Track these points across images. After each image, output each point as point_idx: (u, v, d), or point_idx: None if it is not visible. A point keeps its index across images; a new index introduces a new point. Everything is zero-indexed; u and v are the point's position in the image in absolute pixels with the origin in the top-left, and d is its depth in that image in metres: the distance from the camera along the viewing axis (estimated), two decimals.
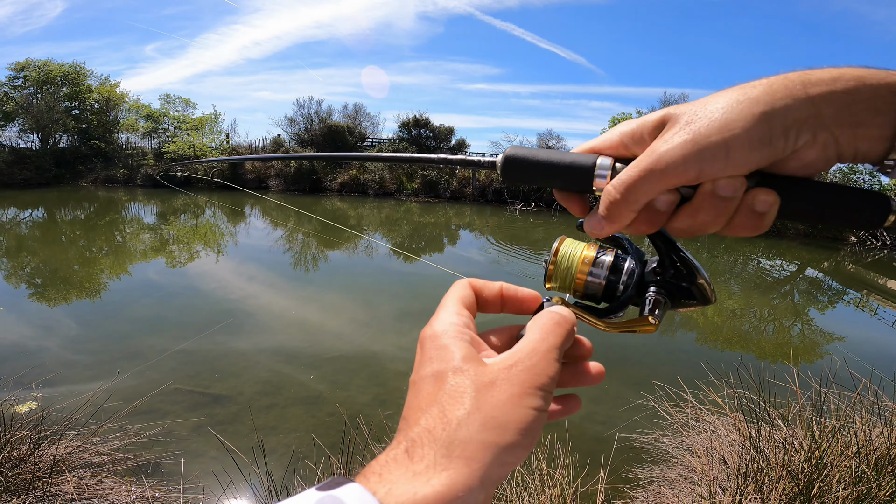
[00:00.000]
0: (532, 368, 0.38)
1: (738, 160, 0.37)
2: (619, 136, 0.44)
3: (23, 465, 2.32)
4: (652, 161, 0.39)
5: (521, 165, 0.47)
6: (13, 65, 26.67)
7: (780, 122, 0.37)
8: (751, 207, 0.39)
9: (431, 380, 0.38)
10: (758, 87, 0.38)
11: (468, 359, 0.39)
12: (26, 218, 16.43)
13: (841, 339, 6.81)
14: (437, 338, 0.41)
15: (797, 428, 2.41)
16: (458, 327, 0.42)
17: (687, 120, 0.39)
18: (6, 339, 5.37)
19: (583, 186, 0.45)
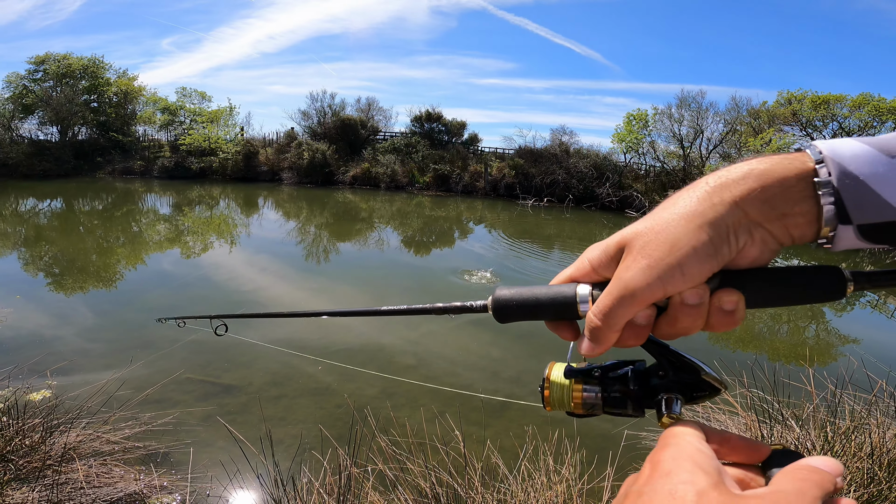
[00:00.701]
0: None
1: (693, 274, 0.41)
2: (589, 263, 0.48)
3: (34, 454, 2.35)
4: (620, 289, 0.43)
5: (509, 307, 0.50)
6: (33, 58, 27.08)
7: (716, 231, 0.41)
8: (720, 308, 0.42)
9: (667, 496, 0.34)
10: (688, 199, 0.42)
11: (719, 486, 0.34)
12: (45, 208, 16.73)
13: (856, 341, 6.67)
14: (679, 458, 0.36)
15: (811, 429, 2.37)
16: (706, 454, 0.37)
17: (641, 245, 0.43)
18: (23, 327, 5.47)
19: (570, 315, 0.48)
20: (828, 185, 0.40)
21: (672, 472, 0.35)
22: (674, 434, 0.41)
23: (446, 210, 19.25)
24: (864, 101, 20.06)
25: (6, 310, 5.81)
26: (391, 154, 25.65)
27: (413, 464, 2.40)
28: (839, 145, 0.41)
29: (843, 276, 0.43)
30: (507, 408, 4.18)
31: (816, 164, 0.41)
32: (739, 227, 0.41)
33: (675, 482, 0.34)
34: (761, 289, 0.43)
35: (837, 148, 0.41)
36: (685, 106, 22.73)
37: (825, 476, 0.36)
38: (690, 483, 0.34)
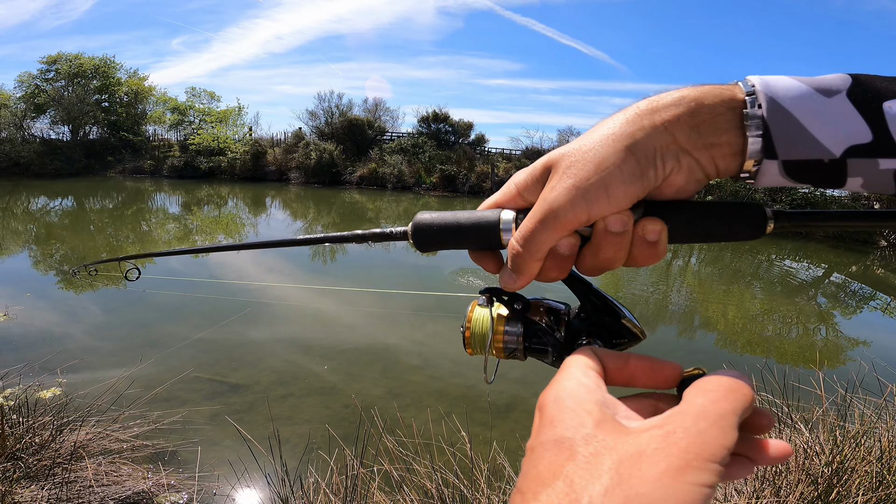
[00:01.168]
0: (700, 435, 0.29)
1: (618, 196, 0.39)
2: (515, 187, 0.46)
3: (44, 451, 2.38)
4: (543, 211, 0.41)
5: (429, 232, 0.47)
6: (45, 58, 27.44)
7: (643, 153, 0.39)
8: (643, 238, 0.41)
9: (554, 447, 0.31)
10: (618, 120, 0.40)
11: (601, 423, 0.31)
12: (56, 207, 16.90)
13: (866, 343, 6.60)
14: (559, 399, 0.34)
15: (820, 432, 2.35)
16: (586, 387, 0.35)
17: (567, 164, 0.41)
18: (33, 325, 5.53)
19: (493, 244, 0.45)
20: (756, 117, 0.38)
21: (555, 419, 0.33)
22: (561, 370, 0.39)
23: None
24: None
25: (17, 307, 5.88)
26: (398, 154, 25.71)
27: (419, 464, 2.41)
28: (773, 80, 0.39)
29: (765, 213, 0.42)
30: (513, 409, 4.17)
31: (747, 95, 0.39)
32: (667, 152, 0.39)
33: (559, 431, 0.32)
34: (685, 222, 0.42)
35: (771, 82, 0.39)
36: None
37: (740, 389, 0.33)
38: (574, 428, 0.31)
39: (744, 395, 0.33)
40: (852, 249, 15.35)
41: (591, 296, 0.46)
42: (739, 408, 0.32)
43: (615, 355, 0.40)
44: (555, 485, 0.29)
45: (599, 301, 0.46)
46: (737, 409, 0.31)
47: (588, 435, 0.31)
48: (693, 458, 0.28)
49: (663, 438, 0.29)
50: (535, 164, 0.44)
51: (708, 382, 0.34)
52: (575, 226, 0.41)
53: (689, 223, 0.42)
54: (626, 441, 0.30)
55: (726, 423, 0.30)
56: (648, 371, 0.40)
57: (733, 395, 0.32)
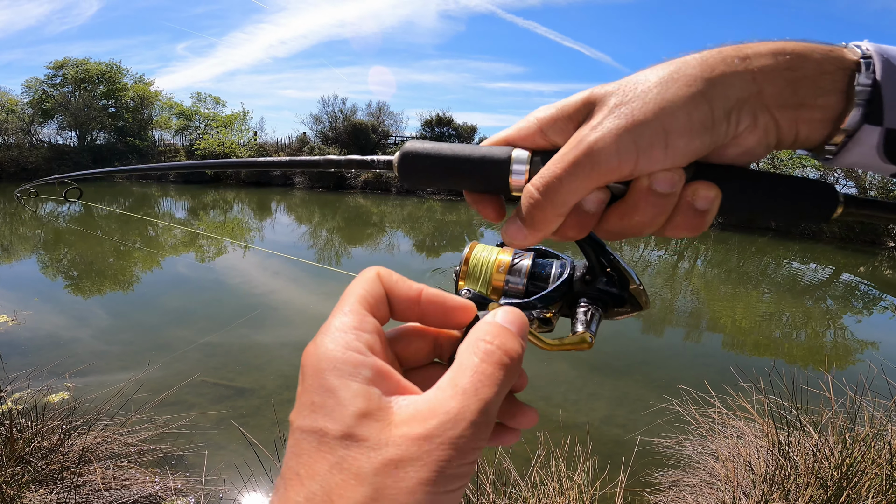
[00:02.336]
0: (456, 441, 0.27)
1: (678, 149, 0.33)
2: (537, 122, 0.38)
3: (52, 456, 2.39)
4: (580, 153, 0.33)
5: (420, 163, 0.40)
6: (52, 63, 27.65)
7: (721, 102, 0.32)
8: (690, 204, 0.35)
9: (314, 439, 0.28)
10: (691, 62, 0.33)
11: (365, 416, 0.28)
12: (64, 212, 17.03)
13: (875, 345, 6.54)
14: (320, 372, 0.29)
15: (829, 435, 2.33)
16: (354, 355, 0.30)
17: (617, 101, 0.33)
18: (42, 329, 5.57)
19: (496, 186, 0.38)
20: (867, 83, 0.33)
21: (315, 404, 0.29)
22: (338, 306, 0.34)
23: (457, 214, 19.26)
24: None
25: (25, 312, 5.92)
26: None
27: None
28: (888, 47, 0.34)
29: (836, 194, 0.36)
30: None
31: (862, 58, 0.33)
32: (746, 105, 0.33)
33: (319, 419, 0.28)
34: (743, 190, 0.36)
35: (886, 48, 0.34)
36: None
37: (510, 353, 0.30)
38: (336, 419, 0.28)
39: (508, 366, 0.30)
40: (860, 251, 15.23)
41: (603, 258, 0.41)
42: (502, 386, 0.29)
43: (406, 286, 0.36)
44: (310, 485, 0.27)
45: (611, 265, 0.41)
46: (498, 391, 0.29)
47: (347, 433, 0.27)
48: (447, 467, 0.27)
49: (422, 443, 0.27)
50: (570, 98, 0.37)
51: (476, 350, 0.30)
52: (615, 177, 0.34)
53: (748, 194, 0.36)
54: (385, 443, 0.27)
55: (484, 420, 0.28)
56: (440, 310, 0.36)
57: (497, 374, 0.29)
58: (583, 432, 3.27)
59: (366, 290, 0.35)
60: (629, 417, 3.98)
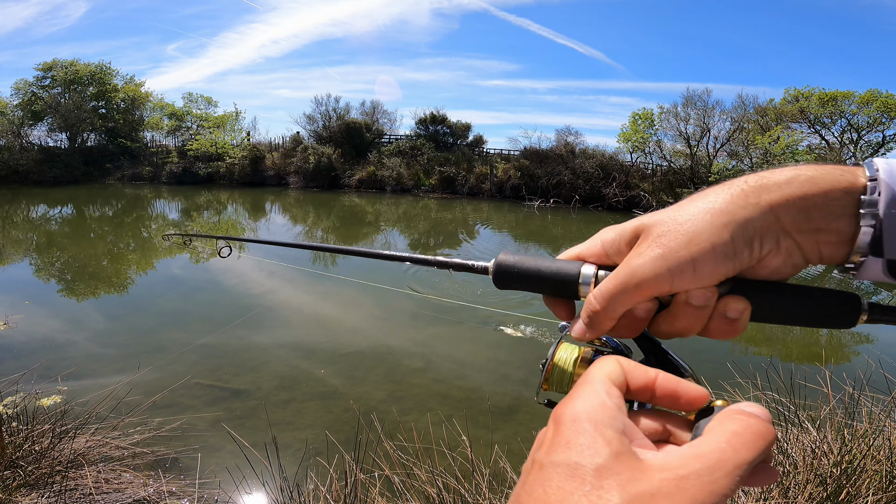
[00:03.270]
0: (712, 485, 0.29)
1: (706, 274, 0.38)
2: (602, 244, 0.46)
3: (43, 459, 2.36)
4: (626, 275, 0.41)
5: (510, 274, 0.49)
6: (41, 65, 27.41)
7: (742, 233, 0.38)
8: (723, 314, 0.40)
9: (566, 472, 0.30)
10: (720, 194, 0.39)
11: (620, 456, 0.31)
12: (56, 215, 16.90)
13: (870, 340, 6.58)
14: (579, 420, 0.33)
15: (827, 431, 2.32)
16: (610, 410, 0.34)
17: (658, 233, 0.40)
18: (36, 332, 5.52)
19: (569, 293, 0.47)
20: (873, 206, 0.37)
21: (571, 442, 0.32)
22: (585, 381, 0.37)
23: (452, 212, 19.24)
24: (873, 98, 19.90)
25: (18, 316, 5.86)
26: (396, 157, 25.71)
27: (420, 469, 2.38)
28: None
29: (860, 304, 0.40)
30: (516, 411, 4.15)
31: (869, 181, 0.37)
32: (767, 234, 0.38)
33: (573, 455, 0.31)
34: (770, 303, 0.41)
35: None
36: (691, 104, 22.63)
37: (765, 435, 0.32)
38: (590, 455, 0.31)
39: (766, 443, 0.33)
40: None
41: (657, 355, 0.46)
42: (759, 457, 0.32)
43: (643, 371, 0.39)
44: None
45: (664, 360, 0.45)
46: (755, 459, 0.31)
47: (602, 466, 0.30)
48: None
49: (675, 483, 0.29)
50: (626, 226, 0.44)
51: (735, 421, 0.33)
52: (655, 294, 0.41)
53: (776, 306, 0.41)
54: (638, 479, 0.29)
55: (739, 475, 0.30)
56: (672, 394, 0.38)
57: (756, 444, 0.32)
58: None
59: (609, 369, 0.39)
60: None
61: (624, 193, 21.41)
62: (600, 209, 21.39)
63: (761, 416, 0.34)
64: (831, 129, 21.55)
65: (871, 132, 20.86)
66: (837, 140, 21.48)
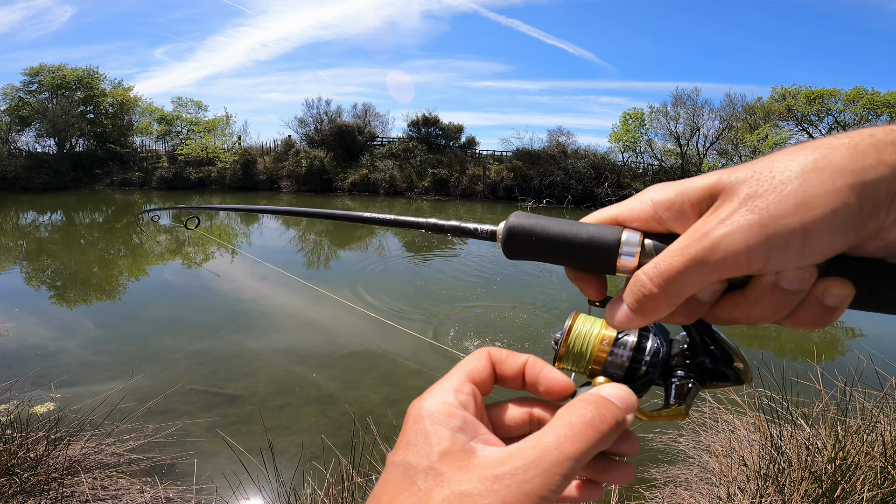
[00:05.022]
0: (523, 486, 0.28)
1: (818, 248, 0.29)
2: (652, 205, 0.35)
3: (38, 467, 2.34)
4: (705, 249, 0.30)
5: (526, 239, 0.38)
6: (27, 70, 27.11)
7: (871, 197, 0.28)
8: (819, 301, 0.31)
9: (401, 473, 0.32)
10: (840, 148, 0.30)
11: (447, 456, 0.31)
12: (46, 221, 16.73)
13: (863, 335, 6.65)
14: (420, 419, 0.34)
15: (821, 428, 2.35)
16: (449, 408, 0.34)
17: (750, 193, 0.30)
18: (27, 340, 5.46)
19: (603, 267, 0.36)
20: None
21: (410, 443, 0.33)
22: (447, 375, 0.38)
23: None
24: (859, 95, 20.17)
25: (8, 324, 5.80)
26: (389, 159, 25.69)
27: None
28: None
29: None
30: None
31: None
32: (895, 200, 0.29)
33: (409, 456, 0.32)
34: (881, 287, 0.32)
35: None
36: (680, 104, 22.85)
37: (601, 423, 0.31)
38: (422, 456, 0.32)
39: (599, 434, 0.31)
40: None
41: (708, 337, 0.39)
42: (590, 448, 0.31)
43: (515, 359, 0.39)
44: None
45: (714, 343, 0.39)
46: (583, 451, 0.30)
47: (429, 467, 0.31)
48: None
49: (491, 482, 0.29)
50: (693, 182, 0.33)
51: (571, 412, 0.32)
52: (739, 273, 0.31)
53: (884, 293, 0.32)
54: (459, 480, 0.30)
55: (560, 473, 0.29)
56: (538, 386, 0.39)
57: (585, 436, 0.31)
58: None
59: (473, 364, 0.39)
60: None
61: (616, 193, 21.54)
62: (593, 208, 21.25)
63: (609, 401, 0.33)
64: (818, 127, 21.80)
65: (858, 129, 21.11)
66: None
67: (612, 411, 0.32)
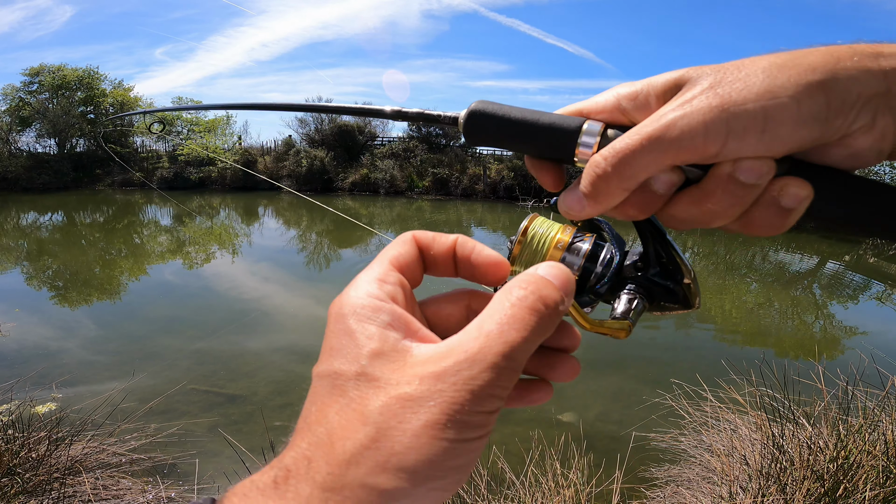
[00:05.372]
0: (471, 383, 0.26)
1: (778, 137, 0.29)
2: (616, 98, 0.35)
3: (40, 467, 2.34)
4: (660, 127, 0.30)
5: (487, 123, 0.38)
6: (27, 70, 27.11)
7: (841, 95, 0.28)
8: (775, 201, 0.31)
9: (328, 383, 0.28)
10: (815, 51, 0.30)
11: (378, 357, 0.28)
12: (47, 222, 16.74)
13: (864, 333, 6.65)
14: (342, 318, 0.30)
15: (822, 427, 2.35)
16: (374, 301, 0.30)
17: (713, 82, 0.30)
18: (28, 340, 5.46)
19: (562, 154, 0.37)
20: None
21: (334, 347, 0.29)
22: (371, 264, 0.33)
23: (446, 214, 19.26)
24: None
25: (10, 324, 5.80)
26: (389, 159, 25.69)
27: None
28: None
29: None
30: (513, 410, 4.15)
31: None
32: (869, 103, 0.29)
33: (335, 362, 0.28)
34: (840, 193, 0.31)
35: None
36: None
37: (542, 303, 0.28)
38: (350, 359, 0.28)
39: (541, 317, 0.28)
40: (844, 239, 15.48)
41: (661, 247, 0.37)
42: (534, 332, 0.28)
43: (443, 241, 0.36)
44: (316, 430, 0.27)
45: (667, 256, 0.37)
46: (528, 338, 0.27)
47: (360, 372, 0.27)
48: (456, 412, 0.25)
49: (434, 382, 0.26)
50: (659, 76, 0.33)
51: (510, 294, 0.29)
52: (694, 158, 0.30)
53: (849, 201, 0.31)
54: (398, 379, 0.26)
55: (507, 366, 0.26)
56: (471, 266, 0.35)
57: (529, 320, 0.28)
58: (577, 430, 3.28)
59: (397, 250, 0.34)
60: (624, 413, 3.99)
61: None
62: None
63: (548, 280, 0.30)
64: None
65: None
66: None
67: (550, 291, 0.29)
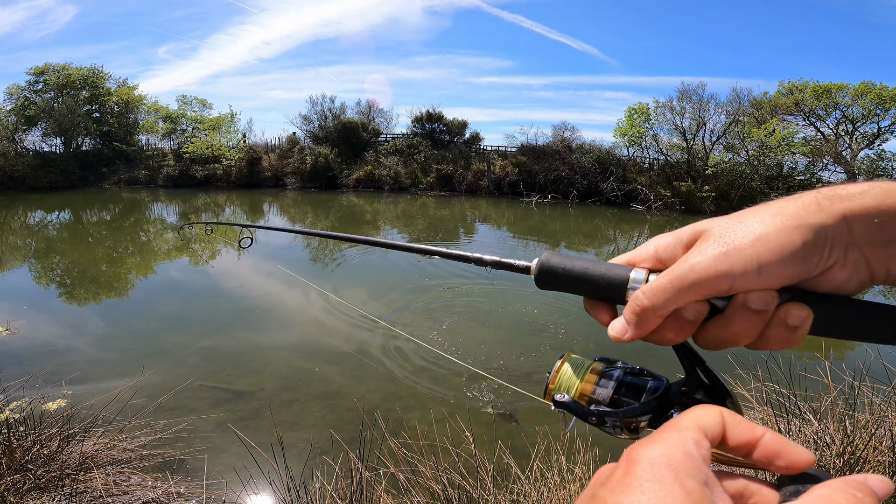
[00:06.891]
0: None
1: (771, 273, 0.37)
2: (654, 249, 0.45)
3: (52, 463, 2.37)
4: (683, 270, 0.39)
5: (554, 274, 0.48)
6: (32, 69, 27.20)
7: (813, 237, 0.37)
8: (783, 321, 0.39)
9: None
10: (790, 202, 0.39)
11: None
12: (54, 220, 16.85)
13: None
14: (657, 466, 0.30)
15: (829, 422, 2.34)
16: (694, 461, 0.31)
17: (721, 233, 0.39)
18: (37, 338, 5.52)
19: (616, 297, 0.45)
20: None
21: (644, 488, 0.29)
22: (673, 426, 0.34)
23: (451, 210, 19.25)
24: (867, 90, 19.96)
25: (19, 321, 5.86)
26: (393, 156, 25.68)
27: (424, 466, 2.40)
28: None
29: None
30: (518, 409, 4.17)
31: None
32: (837, 242, 0.37)
33: (644, 501, 0.29)
34: (834, 312, 0.39)
35: None
36: (686, 98, 22.62)
37: None
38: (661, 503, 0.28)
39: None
40: None
41: (701, 370, 0.44)
42: None
43: (749, 428, 0.35)
44: None
45: (709, 378, 0.44)
46: None
47: None
48: None
49: None
50: (684, 229, 0.43)
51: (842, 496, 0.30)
52: (712, 292, 0.39)
53: (838, 315, 0.39)
54: None
55: None
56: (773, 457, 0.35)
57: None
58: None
59: (705, 419, 0.36)
60: None
61: (622, 188, 21.44)
62: (598, 204, 21.42)
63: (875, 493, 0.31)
64: (826, 121, 21.62)
65: (866, 124, 20.90)
66: (833, 132, 21.53)
67: None
